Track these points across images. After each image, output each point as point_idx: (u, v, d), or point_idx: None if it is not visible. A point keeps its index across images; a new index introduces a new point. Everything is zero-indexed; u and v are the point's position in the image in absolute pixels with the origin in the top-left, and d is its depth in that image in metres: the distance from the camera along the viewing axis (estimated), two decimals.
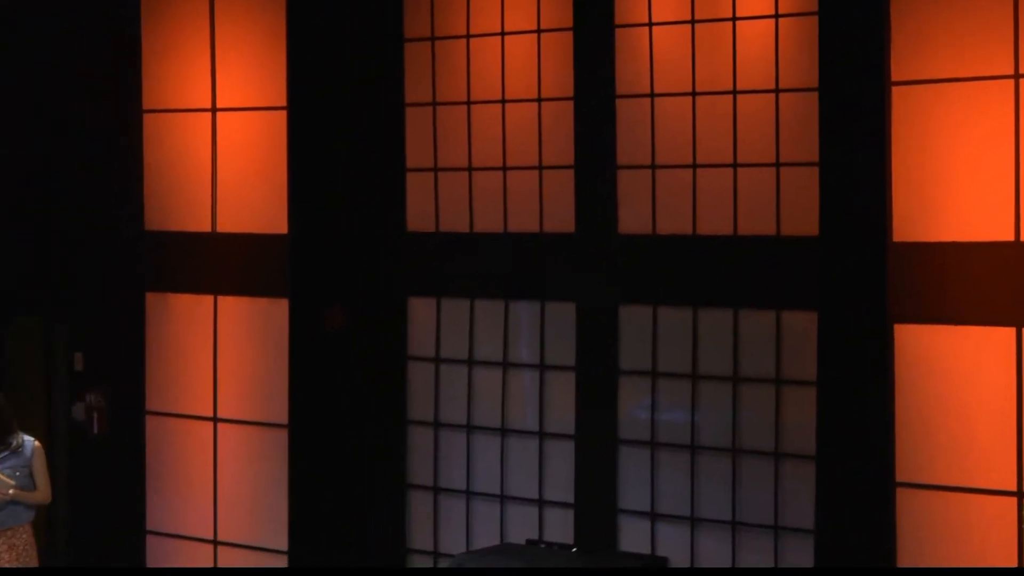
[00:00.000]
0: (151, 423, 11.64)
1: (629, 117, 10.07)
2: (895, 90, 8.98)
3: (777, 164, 9.56)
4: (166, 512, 11.58)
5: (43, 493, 9.52)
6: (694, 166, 9.86)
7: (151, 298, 11.65)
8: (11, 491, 9.28)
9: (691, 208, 9.88)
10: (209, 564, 11.32)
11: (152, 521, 11.64)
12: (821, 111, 9.24)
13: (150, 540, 11.65)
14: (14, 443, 9.40)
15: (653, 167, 10.02)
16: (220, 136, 11.29)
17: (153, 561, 11.60)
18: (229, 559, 11.27)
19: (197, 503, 11.42)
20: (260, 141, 11.09)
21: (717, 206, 9.78)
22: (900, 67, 8.96)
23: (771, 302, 9.59)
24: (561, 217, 10.35)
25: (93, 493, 11.82)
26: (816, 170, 9.29)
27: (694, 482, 9.90)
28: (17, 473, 9.34)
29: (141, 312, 11.66)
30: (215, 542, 11.35)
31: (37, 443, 9.46)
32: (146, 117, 11.63)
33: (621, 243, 10.14)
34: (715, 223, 9.79)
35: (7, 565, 9.29)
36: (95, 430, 11.79)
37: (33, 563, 9.41)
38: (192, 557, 11.44)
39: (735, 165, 9.72)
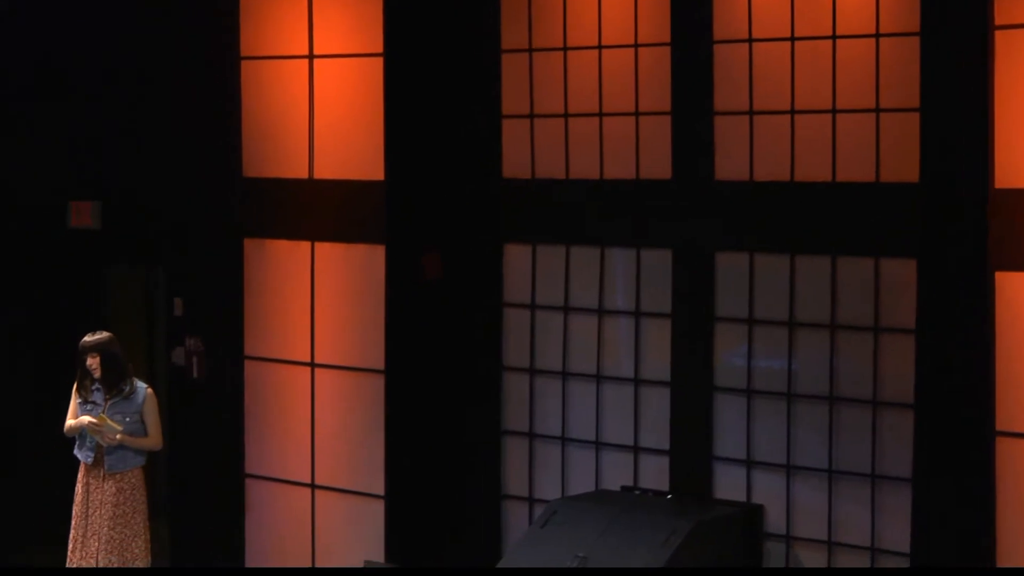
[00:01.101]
0: (249, 368, 11.76)
1: (727, 63, 10.00)
2: (998, 34, 8.85)
3: (877, 110, 9.45)
4: (264, 456, 11.71)
5: (153, 439, 9.62)
6: (792, 112, 9.78)
7: (249, 244, 11.74)
8: (118, 436, 9.39)
9: (789, 154, 9.80)
10: (307, 507, 11.44)
11: (251, 464, 11.77)
12: (922, 56, 9.13)
13: (249, 483, 11.78)
14: (126, 389, 9.50)
15: (751, 113, 9.95)
16: (317, 83, 11.33)
17: (252, 504, 11.74)
18: (326, 503, 11.38)
19: (295, 447, 11.53)
20: (357, 88, 11.12)
21: (815, 152, 9.69)
22: (1003, 10, 8.83)
23: (870, 249, 9.51)
24: (657, 163, 10.30)
25: (193, 436, 11.96)
26: (917, 116, 9.19)
27: (790, 430, 9.86)
28: (127, 419, 9.44)
29: (239, 258, 11.75)
30: (312, 486, 11.46)
31: (149, 390, 9.56)
32: (244, 64, 11.69)
33: (718, 189, 10.08)
34: (813, 169, 9.71)
35: (115, 508, 9.42)
36: (195, 374, 11.92)
37: (142, 507, 9.52)
38: (289, 500, 11.56)
39: (834, 111, 9.62)
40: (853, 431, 9.62)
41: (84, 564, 9.41)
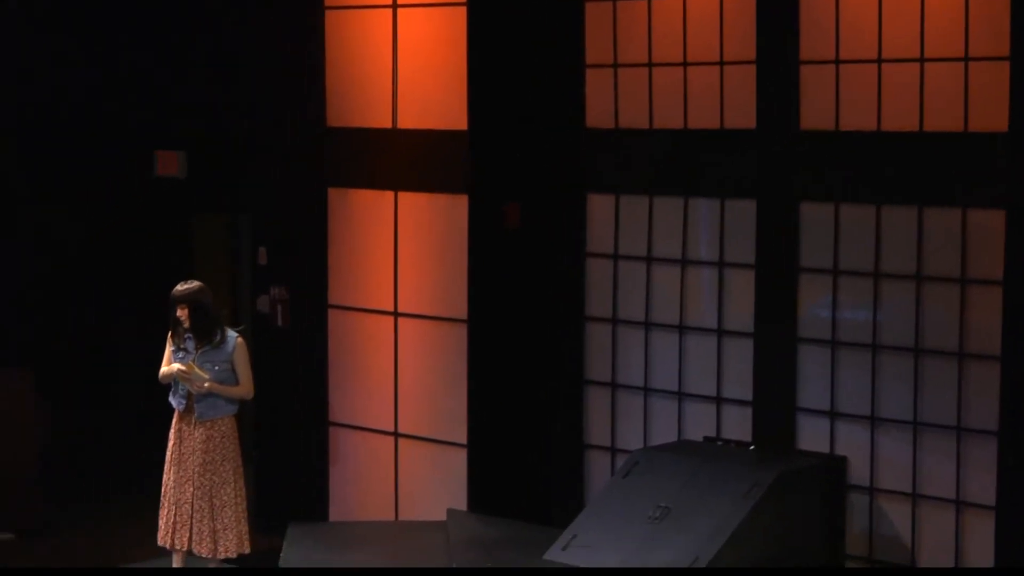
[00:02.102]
0: (333, 316, 11.83)
1: (813, 10, 9.90)
2: None
3: (966, 58, 9.33)
4: (348, 404, 11.79)
5: (244, 388, 9.67)
6: (879, 61, 9.67)
7: (333, 193, 11.79)
8: (207, 384, 9.46)
9: (876, 104, 9.70)
10: (390, 456, 11.51)
11: (335, 413, 11.85)
12: (1013, 3, 8.99)
13: (332, 432, 11.87)
14: (217, 338, 9.55)
15: (837, 62, 9.85)
16: (400, 32, 11.33)
17: (336, 452, 11.83)
18: (409, 451, 11.45)
19: (378, 396, 11.60)
20: (440, 37, 11.11)
21: (902, 101, 9.59)
22: None
23: (957, 199, 9.41)
24: (742, 113, 10.23)
25: (277, 384, 12.05)
26: (1007, 64, 9.06)
27: (875, 381, 9.80)
28: (216, 367, 9.50)
29: (323, 207, 11.81)
30: (395, 434, 11.53)
31: (239, 339, 9.60)
32: (328, 14, 11.71)
33: (803, 139, 10.00)
34: (900, 119, 9.61)
35: (204, 455, 9.50)
36: (279, 323, 12.01)
37: (231, 455, 9.58)
38: (373, 449, 11.64)
39: (922, 60, 9.50)
40: (938, 383, 9.55)
41: (177, 510, 9.52)
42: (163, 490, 9.62)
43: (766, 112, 10.11)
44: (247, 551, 9.65)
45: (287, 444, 12.05)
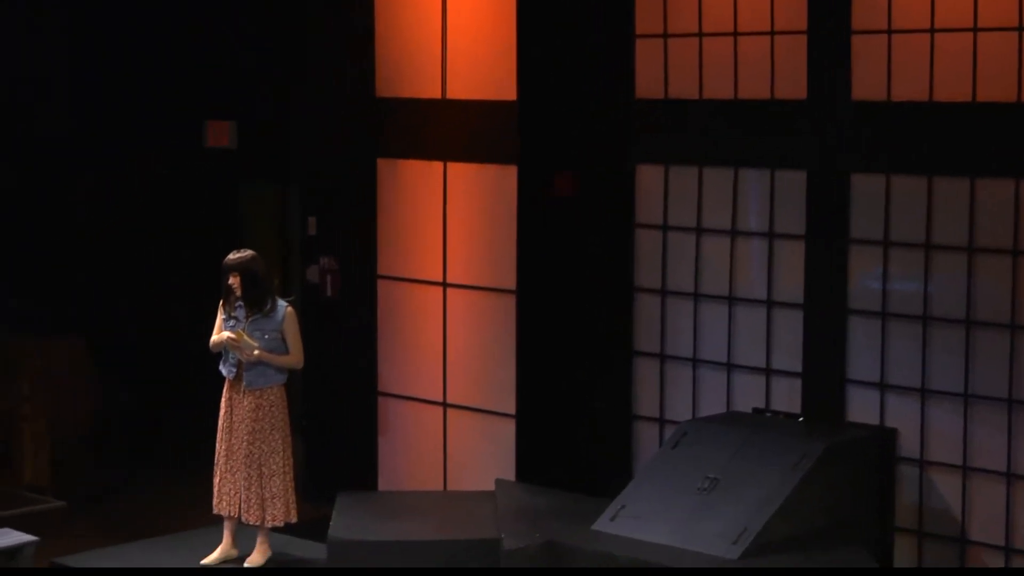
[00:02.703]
0: (382, 287, 11.85)
1: None
2: None
3: (1020, 28, 9.24)
4: (397, 374, 11.82)
5: (294, 357, 9.67)
6: (932, 30, 9.60)
7: (382, 164, 11.80)
8: (256, 352, 9.48)
9: (928, 74, 9.63)
10: (438, 426, 11.54)
11: (383, 383, 11.88)
12: None
13: (381, 401, 11.90)
14: (268, 307, 9.56)
15: (888, 31, 9.78)
16: (450, 2, 11.30)
17: (384, 422, 11.87)
18: (457, 422, 11.47)
19: (427, 366, 11.62)
20: (490, 7, 11.08)
21: (955, 71, 9.51)
22: None
23: (1010, 170, 9.34)
24: (793, 83, 10.18)
25: (327, 354, 12.09)
26: None
27: (925, 353, 9.75)
28: (266, 336, 9.51)
29: (372, 178, 11.82)
30: (444, 404, 11.55)
31: (289, 308, 9.60)
32: None
33: (854, 109, 9.95)
34: (953, 89, 9.54)
35: (253, 424, 9.53)
36: (328, 293, 12.04)
37: (280, 424, 9.58)
38: (422, 419, 11.67)
39: (975, 29, 9.43)
40: (989, 355, 9.50)
41: (228, 478, 9.57)
42: (215, 458, 9.67)
43: (817, 82, 10.06)
44: (294, 520, 9.70)
45: (336, 414, 12.10)
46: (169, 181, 13.16)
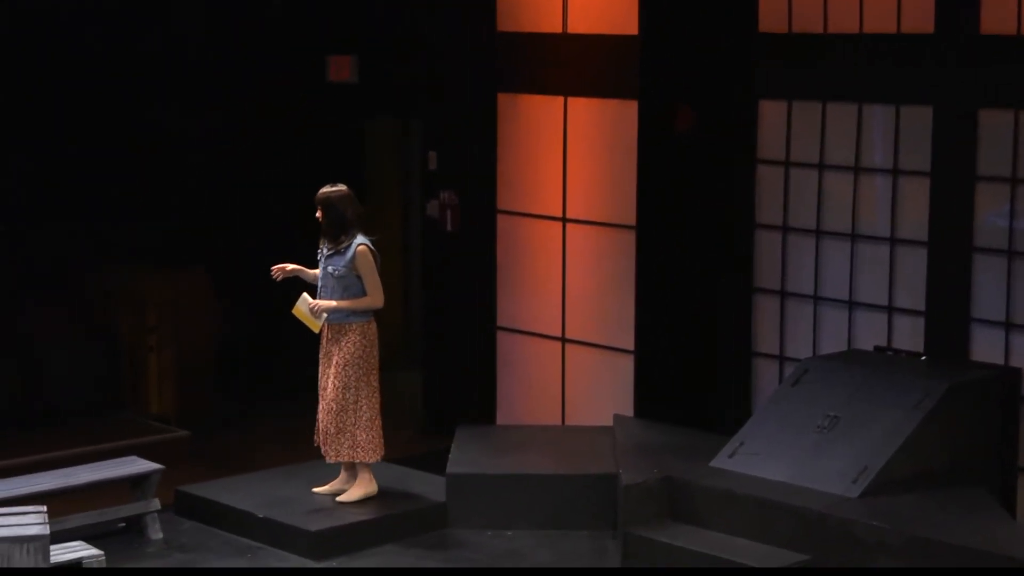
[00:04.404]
0: (501, 222, 11.86)
1: None
2: None
3: None
4: (515, 309, 11.84)
5: (369, 298, 9.52)
6: None
7: (502, 99, 11.78)
8: (333, 303, 9.44)
9: None
10: (557, 361, 11.56)
11: (502, 318, 11.92)
12: None
13: (500, 336, 11.94)
14: (343, 243, 9.50)
15: None
16: None
17: (503, 356, 11.91)
18: (575, 357, 11.48)
19: (545, 301, 11.63)
20: None
21: None
22: None
23: None
24: (919, 17, 10.01)
25: (446, 288, 12.16)
26: None
27: None
28: (336, 272, 9.46)
29: (493, 113, 11.81)
30: (563, 339, 11.56)
31: (361, 246, 9.42)
32: None
33: (982, 44, 9.76)
34: None
35: (336, 359, 9.53)
36: (448, 227, 12.07)
37: (360, 362, 9.46)
38: (540, 354, 11.69)
39: None
40: None
41: (322, 411, 9.61)
42: (320, 393, 9.71)
43: (944, 15, 9.88)
44: (371, 460, 9.60)
45: (455, 348, 12.16)
46: (291, 116, 13.23)
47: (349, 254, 9.45)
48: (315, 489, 9.88)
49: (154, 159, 12.49)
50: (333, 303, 9.47)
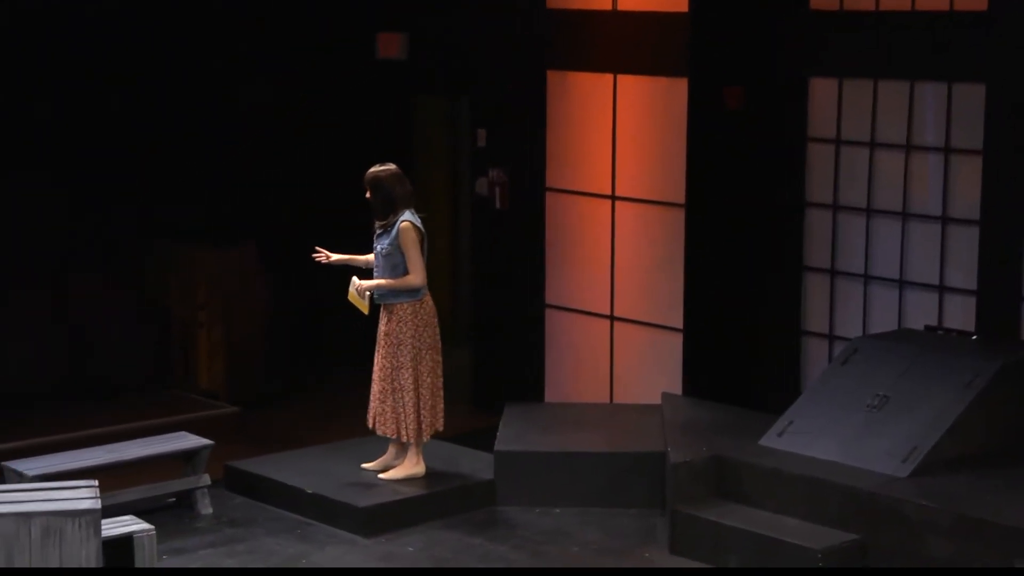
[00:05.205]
0: (550, 199, 11.85)
1: None
2: None
3: None
4: (564, 286, 11.83)
5: (410, 277, 9.48)
6: None
7: (551, 76, 11.76)
8: (376, 282, 9.46)
9: None
10: (605, 339, 11.55)
11: (551, 295, 11.91)
12: None
13: (549, 314, 11.94)
14: (391, 222, 9.50)
15: None
16: None
17: (552, 334, 11.91)
18: (624, 335, 11.47)
19: (594, 279, 11.62)
20: None
21: None
22: None
23: None
24: None
25: (495, 266, 12.16)
26: None
27: None
28: (383, 250, 9.48)
29: (542, 90, 11.80)
30: (611, 317, 11.55)
31: (405, 223, 9.41)
32: None
33: None
34: None
35: (384, 338, 9.54)
36: (497, 205, 12.07)
37: (408, 340, 9.44)
38: (589, 332, 11.69)
39: None
40: None
41: (373, 389, 9.63)
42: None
43: None
44: (425, 439, 9.64)
45: (504, 325, 12.16)
46: (340, 93, 13.25)
47: (394, 232, 9.47)
48: (364, 465, 9.92)
49: (204, 136, 12.54)
50: (374, 282, 9.49)
